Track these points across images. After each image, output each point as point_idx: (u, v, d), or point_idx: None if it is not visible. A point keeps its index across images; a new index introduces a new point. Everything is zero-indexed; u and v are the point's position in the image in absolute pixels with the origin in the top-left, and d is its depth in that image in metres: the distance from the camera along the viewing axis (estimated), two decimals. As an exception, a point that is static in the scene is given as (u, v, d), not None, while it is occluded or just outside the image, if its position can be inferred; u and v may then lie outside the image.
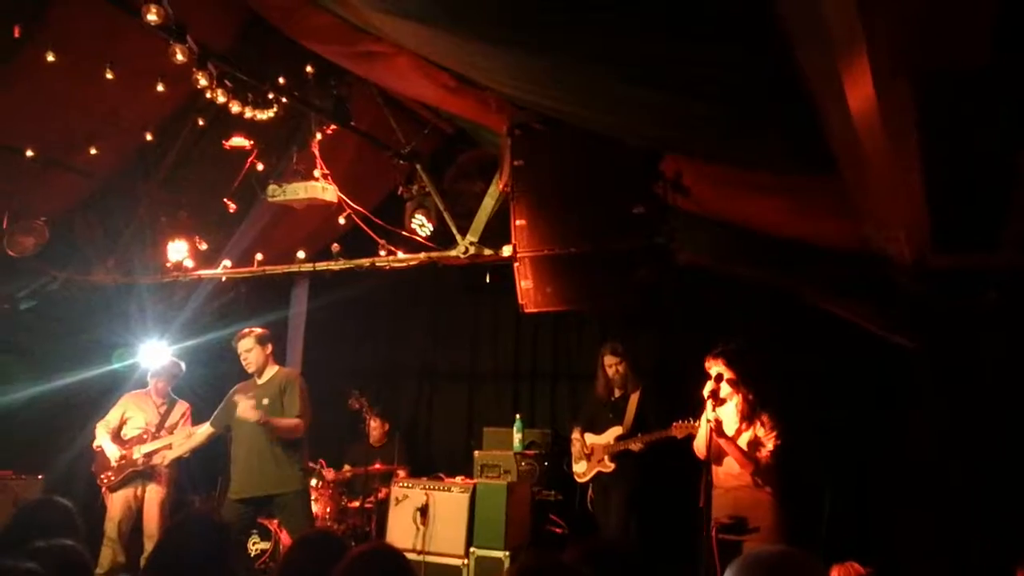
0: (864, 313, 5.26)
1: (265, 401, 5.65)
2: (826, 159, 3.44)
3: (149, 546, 6.09)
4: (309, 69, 5.60)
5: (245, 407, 5.47)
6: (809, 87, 2.82)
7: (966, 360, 4.59)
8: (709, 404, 4.73)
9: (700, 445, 5.04)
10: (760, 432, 4.95)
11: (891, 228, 3.79)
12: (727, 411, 4.95)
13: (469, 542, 5.87)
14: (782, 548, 1.86)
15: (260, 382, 5.82)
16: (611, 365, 6.13)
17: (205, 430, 5.97)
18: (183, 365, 6.73)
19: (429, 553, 5.93)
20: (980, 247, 3.79)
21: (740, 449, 4.90)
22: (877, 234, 4.05)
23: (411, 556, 5.79)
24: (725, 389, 4.83)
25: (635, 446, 5.81)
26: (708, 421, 4.68)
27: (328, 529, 6.08)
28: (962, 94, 2.55)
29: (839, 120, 2.80)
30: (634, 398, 6.09)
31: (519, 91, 4.35)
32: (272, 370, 5.87)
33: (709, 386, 4.75)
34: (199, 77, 4.48)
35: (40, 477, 6.44)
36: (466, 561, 5.81)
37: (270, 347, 5.87)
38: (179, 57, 4.18)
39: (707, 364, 4.98)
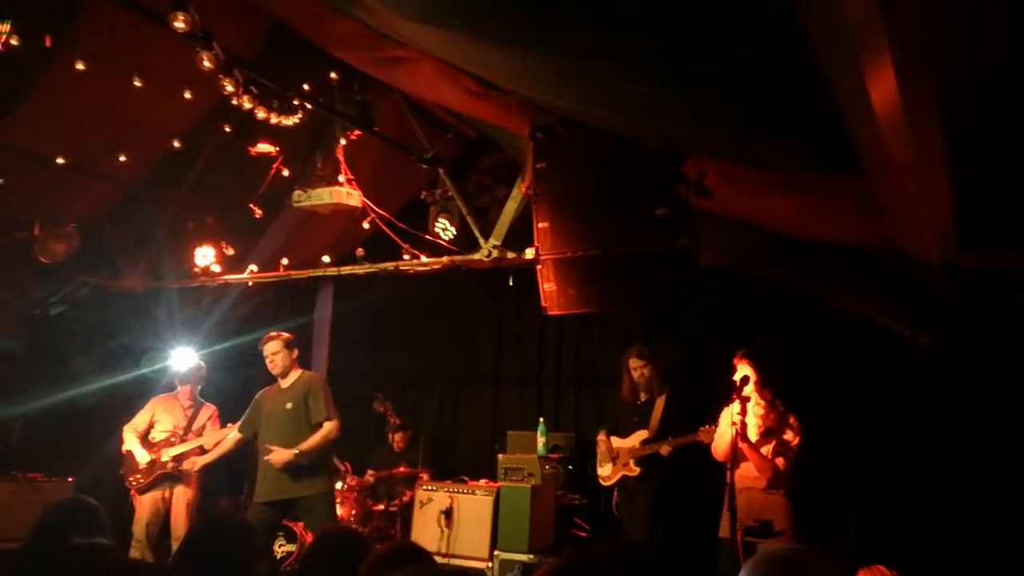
0: (889, 314, 5.21)
1: (289, 405, 5.71)
2: (850, 158, 3.41)
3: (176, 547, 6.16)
4: (333, 75, 5.66)
5: (278, 457, 5.54)
6: (832, 86, 2.81)
7: (993, 361, 4.53)
8: (736, 406, 4.70)
9: (719, 447, 5.01)
10: (787, 435, 4.92)
11: (917, 228, 3.75)
12: (750, 414, 4.92)
13: (493, 545, 5.87)
14: (796, 546, 1.85)
15: (284, 386, 5.87)
16: (636, 368, 6.10)
17: (233, 436, 6.04)
18: (204, 367, 6.81)
19: (453, 556, 5.95)
20: (1008, 247, 3.74)
21: (759, 454, 4.87)
22: (903, 234, 4.00)
23: (436, 559, 5.80)
24: (750, 390, 4.81)
25: (664, 450, 5.77)
26: (733, 424, 4.66)
27: (350, 527, 6.10)
28: (987, 91, 2.52)
29: (863, 119, 2.78)
30: (660, 402, 6.06)
31: (541, 94, 4.36)
32: (296, 374, 5.92)
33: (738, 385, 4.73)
34: (225, 83, 4.54)
35: (70, 480, 6.53)
36: (490, 564, 5.82)
37: (296, 352, 5.93)
38: (206, 64, 4.24)
39: (736, 363, 4.96)
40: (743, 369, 4.93)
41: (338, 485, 6.76)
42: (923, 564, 4.63)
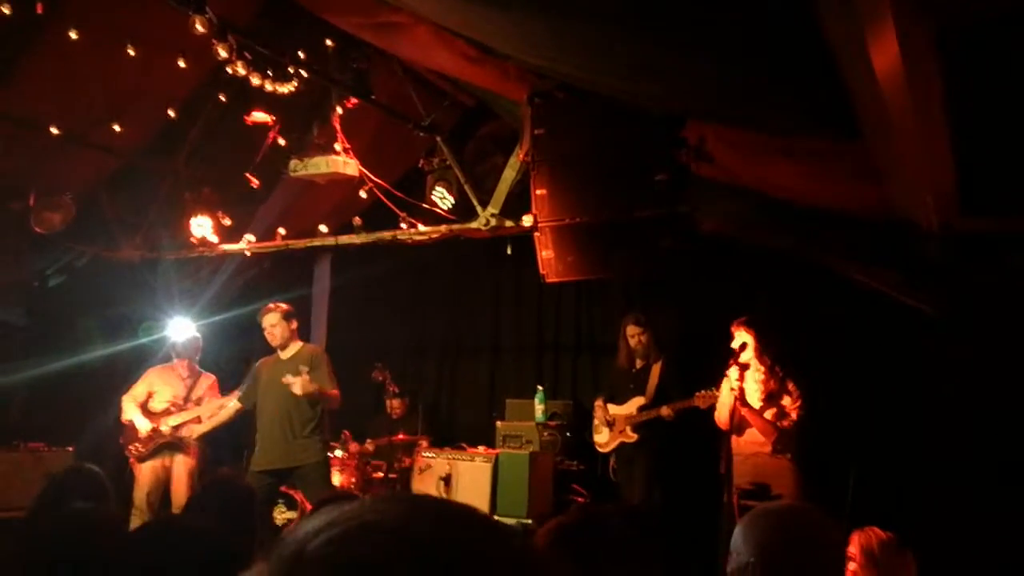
0: (889, 280, 5.22)
1: (290, 376, 5.74)
2: (851, 123, 3.40)
3: (178, 516, 6.21)
4: (329, 43, 5.59)
5: (303, 384, 5.55)
6: (832, 46, 2.79)
7: (993, 326, 4.54)
8: (734, 372, 4.72)
9: (722, 415, 5.04)
10: (786, 401, 4.96)
11: (917, 192, 3.74)
12: (750, 380, 4.95)
13: (492, 511, 5.92)
14: (790, 503, 1.88)
15: (284, 357, 5.90)
16: (633, 335, 6.12)
17: (233, 405, 6.09)
18: (201, 339, 6.82)
19: (453, 522, 5.99)
20: (1010, 210, 3.73)
21: (763, 419, 4.91)
22: (902, 198, 4.00)
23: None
24: (748, 356, 4.83)
25: (665, 412, 5.79)
26: (732, 390, 4.68)
27: (346, 491, 6.15)
28: (989, 50, 2.51)
29: (863, 80, 2.76)
30: (656, 368, 6.09)
31: (538, 59, 4.33)
32: (296, 346, 5.95)
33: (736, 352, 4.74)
34: (219, 49, 4.49)
35: (71, 449, 6.56)
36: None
37: (295, 323, 5.96)
38: (198, 28, 4.19)
39: (734, 330, 4.97)
40: (741, 336, 4.94)
41: (338, 453, 6.81)
42: (920, 527, 4.68)
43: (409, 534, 0.67)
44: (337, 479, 6.66)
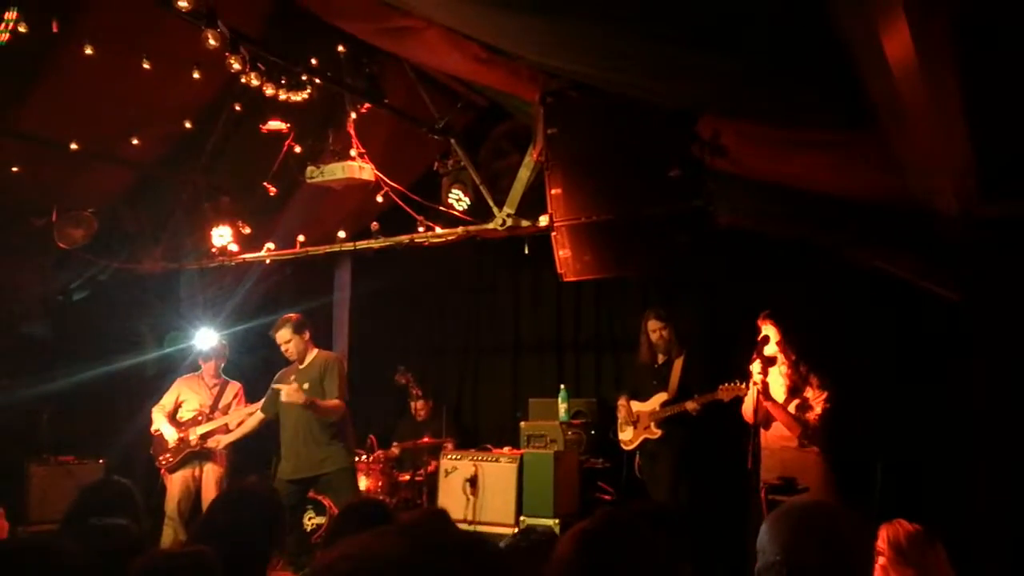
0: (910, 267, 5.16)
1: (306, 385, 5.81)
2: (866, 112, 3.37)
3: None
4: (340, 49, 5.62)
5: (289, 392, 5.61)
6: (845, 37, 2.76)
7: (1015, 312, 4.47)
8: (757, 366, 4.70)
9: (748, 409, 5.02)
10: (809, 394, 4.93)
11: (935, 178, 3.70)
12: (775, 374, 4.92)
13: (519, 511, 5.93)
14: (816, 500, 1.87)
15: (302, 367, 5.96)
16: (655, 331, 6.09)
17: (256, 416, 6.16)
18: (227, 345, 6.88)
19: (480, 523, 6.01)
20: (1030, 194, 3.68)
21: (788, 413, 4.88)
22: (920, 186, 3.95)
23: (462, 526, 5.88)
24: (772, 350, 4.80)
25: (691, 406, 5.76)
26: (755, 383, 4.65)
27: (374, 497, 6.19)
28: (1003, 32, 2.47)
29: (877, 69, 2.73)
30: (678, 363, 6.06)
31: (548, 58, 4.32)
32: (312, 354, 6.02)
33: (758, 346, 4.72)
34: (232, 61, 4.53)
35: (101, 461, 6.65)
36: (517, 530, 5.87)
37: (307, 333, 6.01)
38: (211, 42, 4.23)
39: (759, 324, 4.95)
40: (767, 329, 4.92)
41: (364, 457, 6.85)
42: (951, 518, 4.63)
43: (415, 568, 0.70)
44: (364, 483, 6.70)
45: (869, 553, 2.48)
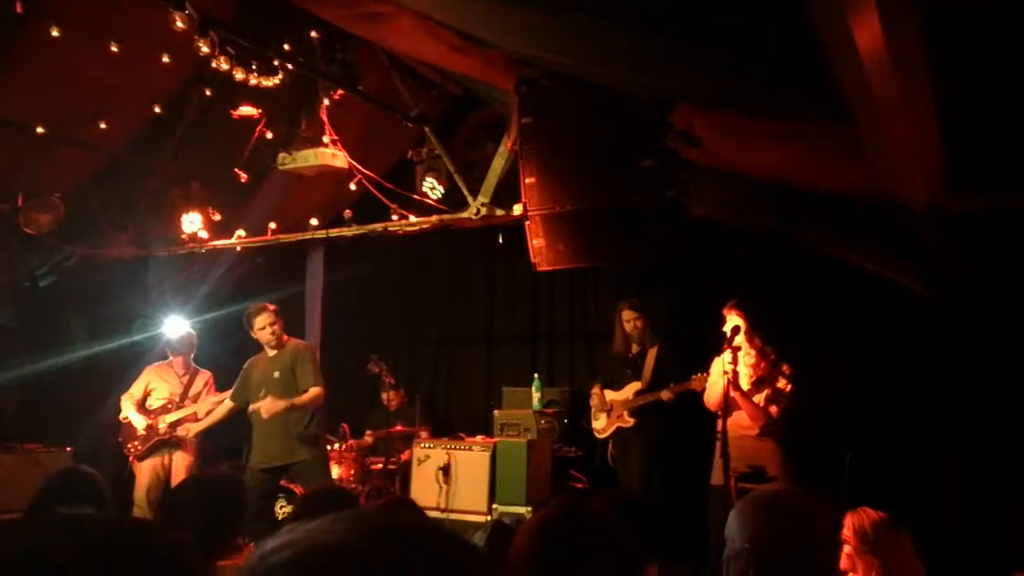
0: (881, 261, 5.22)
1: (277, 374, 5.78)
2: (838, 105, 3.38)
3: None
4: (313, 34, 5.55)
5: (269, 408, 5.59)
6: (817, 29, 2.77)
7: (985, 306, 4.54)
8: (727, 356, 4.72)
9: (712, 397, 5.06)
10: (780, 383, 4.96)
11: (905, 171, 3.73)
12: (741, 363, 4.95)
13: (492, 499, 5.93)
14: (782, 487, 1.88)
15: (271, 355, 5.92)
16: (629, 321, 6.12)
17: (226, 404, 6.10)
18: (195, 335, 6.81)
19: (453, 511, 6.01)
20: (999, 188, 3.72)
21: (753, 403, 4.91)
22: (891, 178, 3.99)
23: (434, 514, 5.87)
24: (740, 339, 4.83)
25: (665, 395, 5.79)
26: (725, 373, 4.68)
27: (336, 485, 6.18)
28: (975, 28, 2.49)
29: (848, 61, 2.74)
30: (652, 353, 6.09)
31: (522, 46, 4.30)
32: (284, 343, 5.96)
33: (728, 335, 4.74)
34: (201, 44, 4.46)
35: (69, 449, 6.55)
36: (489, 518, 5.87)
37: (281, 320, 5.96)
38: (179, 24, 4.16)
39: (725, 313, 4.97)
40: (733, 319, 4.94)
41: (336, 446, 6.82)
42: (919, 506, 4.70)
43: (356, 554, 0.68)
44: (336, 472, 6.67)
45: (836, 541, 2.51)
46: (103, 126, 5.88)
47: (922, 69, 2.62)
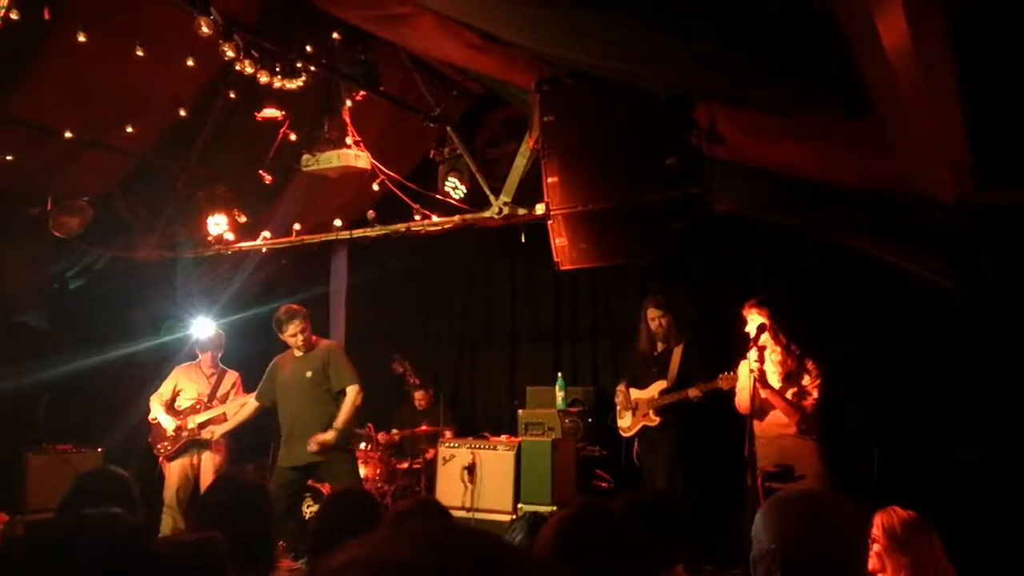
0: (906, 256, 5.16)
1: (308, 374, 5.80)
2: (862, 100, 3.35)
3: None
4: (335, 36, 5.59)
5: (319, 442, 5.63)
6: (841, 26, 2.75)
7: (1011, 299, 4.48)
8: (753, 354, 4.69)
9: (743, 401, 5.01)
10: (805, 380, 4.92)
11: (931, 167, 3.69)
12: (768, 361, 4.92)
13: (516, 498, 5.94)
14: (810, 488, 1.87)
15: (299, 355, 5.93)
16: (654, 319, 6.09)
17: (251, 404, 6.13)
18: (223, 335, 6.87)
19: (478, 510, 6.03)
20: (1025, 182, 3.67)
21: (785, 399, 4.88)
22: (916, 174, 3.94)
23: (460, 513, 5.90)
24: (765, 339, 4.80)
25: (692, 393, 5.75)
26: (751, 371, 4.65)
27: (358, 487, 6.23)
28: (999, 20, 2.46)
29: (873, 58, 2.72)
30: (677, 351, 6.05)
31: (544, 45, 4.30)
32: (312, 344, 5.98)
33: (754, 334, 4.71)
34: (226, 49, 4.50)
35: (100, 450, 6.65)
36: (514, 517, 5.88)
37: (309, 322, 5.98)
38: (204, 29, 4.21)
39: (745, 313, 4.94)
40: (756, 318, 4.91)
41: (362, 445, 6.85)
42: (948, 505, 4.64)
43: (425, 572, 0.70)
44: (362, 471, 6.71)
45: (864, 541, 2.49)
46: (130, 130, 5.95)
47: (947, 62, 2.59)
